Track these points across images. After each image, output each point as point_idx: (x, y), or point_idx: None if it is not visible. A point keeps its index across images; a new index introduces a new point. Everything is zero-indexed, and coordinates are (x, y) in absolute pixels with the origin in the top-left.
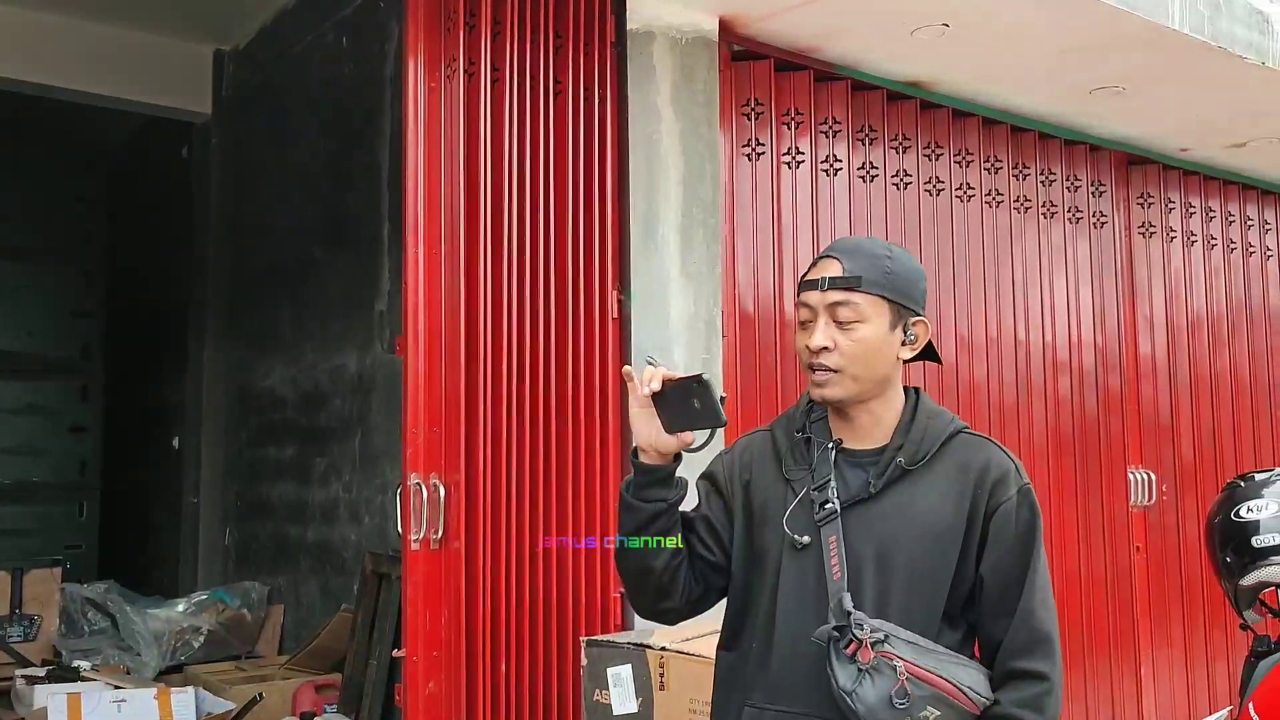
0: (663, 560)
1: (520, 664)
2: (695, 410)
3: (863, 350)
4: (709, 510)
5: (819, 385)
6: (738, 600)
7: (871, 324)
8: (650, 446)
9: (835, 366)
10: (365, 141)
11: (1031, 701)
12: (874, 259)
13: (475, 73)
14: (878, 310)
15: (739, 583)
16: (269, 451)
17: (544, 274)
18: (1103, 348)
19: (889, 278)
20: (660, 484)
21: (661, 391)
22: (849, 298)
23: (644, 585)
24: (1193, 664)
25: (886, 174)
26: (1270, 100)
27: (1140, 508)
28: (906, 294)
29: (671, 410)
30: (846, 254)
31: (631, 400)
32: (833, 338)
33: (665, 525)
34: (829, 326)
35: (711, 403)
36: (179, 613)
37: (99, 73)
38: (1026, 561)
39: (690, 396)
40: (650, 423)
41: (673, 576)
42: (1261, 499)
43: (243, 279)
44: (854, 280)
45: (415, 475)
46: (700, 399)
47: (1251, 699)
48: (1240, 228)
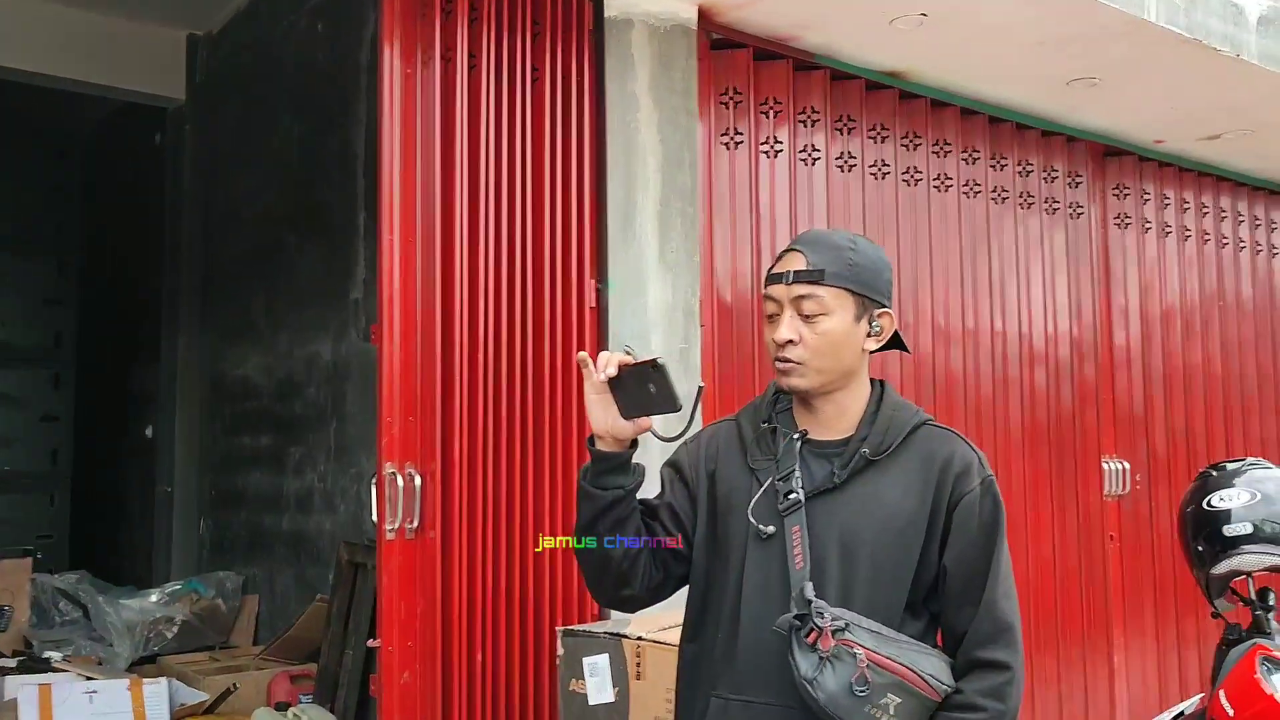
0: (621, 548)
1: (496, 654)
2: (652, 395)
3: (827, 343)
4: (672, 498)
5: (785, 375)
6: (700, 591)
7: (835, 317)
8: (607, 433)
9: (800, 359)
10: (341, 129)
11: (994, 690)
12: (838, 251)
13: (452, 60)
14: (842, 303)
15: (701, 573)
16: (243, 440)
17: (521, 262)
18: (1078, 339)
19: (853, 270)
20: (618, 471)
21: (618, 377)
22: (813, 291)
23: (604, 573)
24: (1164, 652)
25: (864, 164)
26: (1244, 93)
27: (1114, 497)
28: (871, 286)
29: (628, 396)
30: (810, 246)
31: (588, 387)
32: (798, 331)
33: (623, 512)
34: (794, 319)
35: (668, 387)
36: (152, 603)
37: (71, 58)
38: (990, 552)
39: (647, 381)
40: (607, 409)
41: (633, 564)
42: (1233, 488)
43: (217, 267)
44: (817, 274)
45: (391, 465)
46: (656, 384)
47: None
48: (1213, 220)
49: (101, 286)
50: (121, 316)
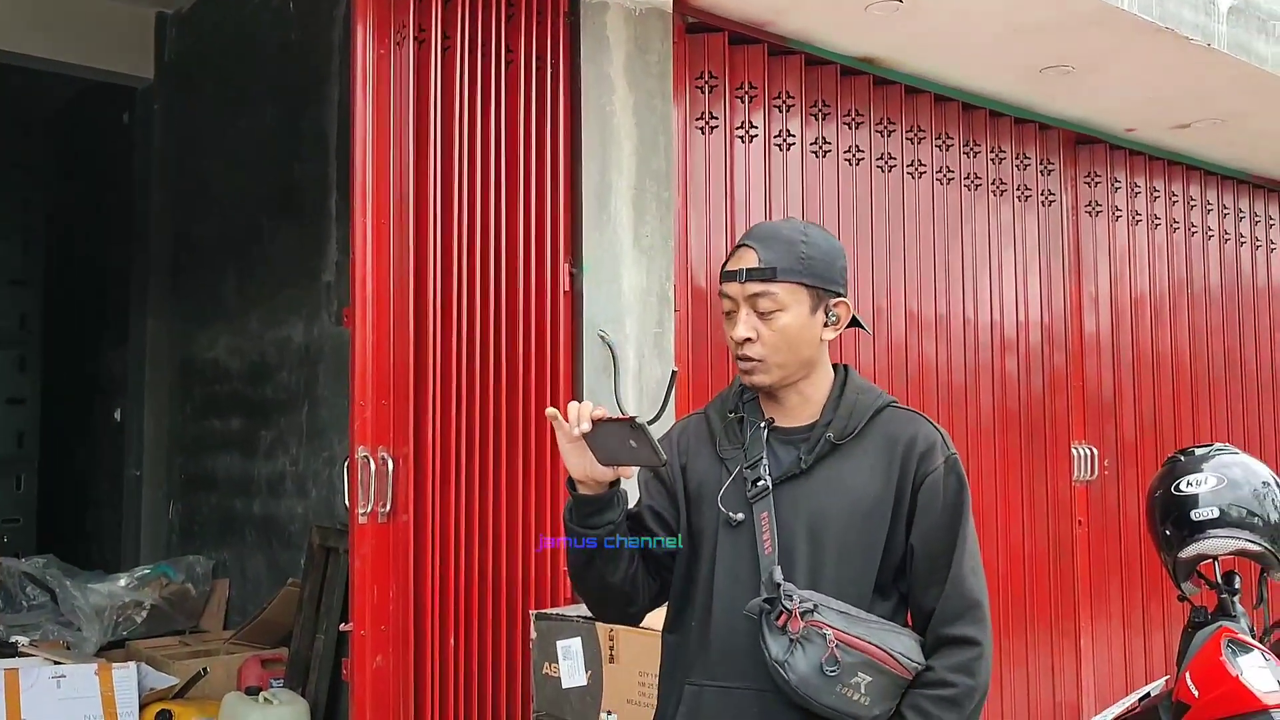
0: (620, 574)
1: (469, 638)
2: (632, 450)
3: (784, 339)
4: (652, 501)
5: (747, 374)
6: (680, 582)
7: (791, 312)
8: (587, 478)
9: (760, 356)
10: (313, 109)
11: (964, 666)
12: (789, 246)
13: (426, 40)
14: (796, 298)
15: (681, 565)
16: (214, 424)
17: (495, 245)
18: (1049, 325)
19: (805, 263)
20: (604, 509)
21: (593, 430)
22: (766, 289)
23: (606, 599)
24: (1131, 635)
25: (839, 149)
26: (1214, 82)
27: (1083, 483)
28: (825, 276)
29: (605, 447)
30: (762, 242)
31: (560, 438)
32: (755, 328)
33: (615, 543)
34: (750, 317)
35: (649, 444)
36: (121, 587)
37: (38, 36)
38: (955, 530)
39: (626, 438)
40: (583, 456)
41: (633, 582)
42: (1201, 473)
43: (187, 248)
44: (770, 271)
45: (363, 448)
46: (637, 440)
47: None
48: (1183, 208)
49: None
50: (89, 298)
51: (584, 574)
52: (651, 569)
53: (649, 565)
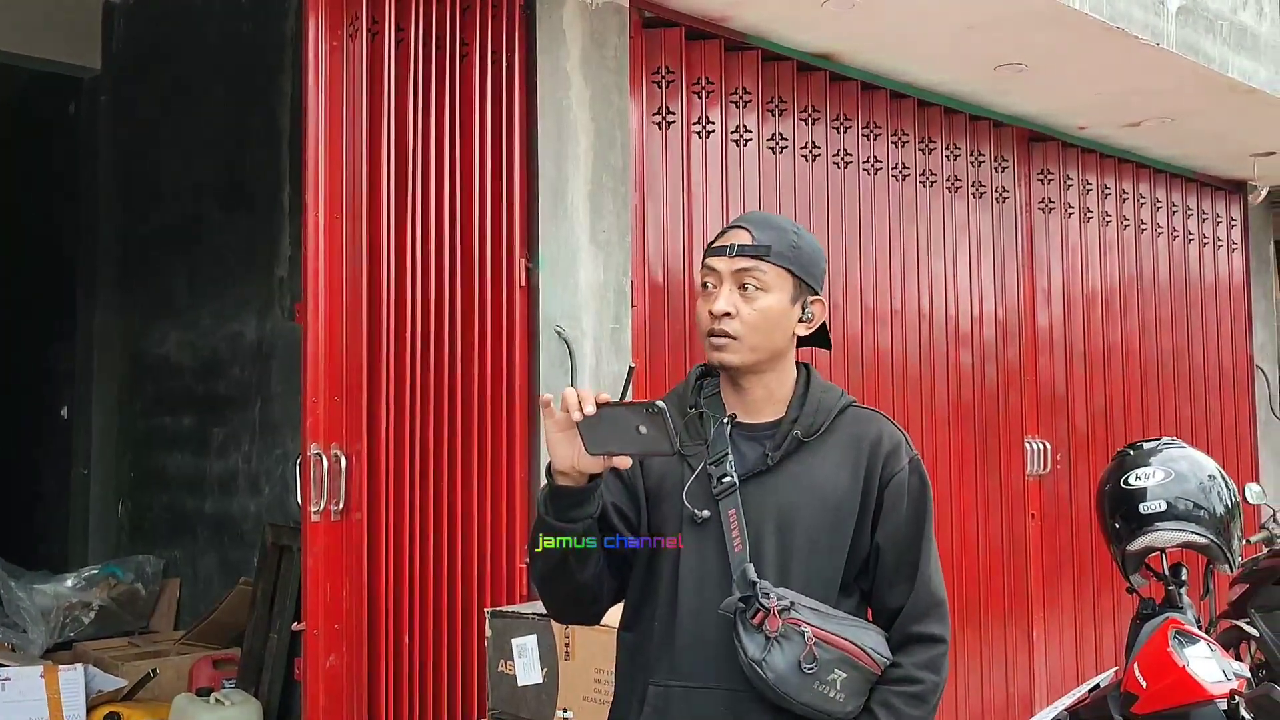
0: (588, 572)
1: (424, 636)
2: (639, 436)
3: (763, 320)
4: (615, 499)
5: (717, 350)
6: (640, 580)
7: (774, 294)
8: (572, 469)
9: (735, 333)
10: (265, 101)
11: (929, 663)
12: (782, 232)
13: (379, 32)
14: (781, 282)
15: (641, 563)
16: (164, 421)
17: (450, 240)
18: (1003, 321)
19: (795, 252)
20: (583, 503)
21: (596, 415)
22: (756, 265)
23: (571, 600)
24: (1082, 626)
25: (795, 145)
26: (1163, 80)
27: (1036, 476)
28: (809, 271)
29: (603, 434)
30: (756, 225)
31: (549, 424)
32: (735, 304)
33: (588, 539)
34: (733, 293)
35: (664, 431)
36: (68, 588)
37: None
38: (920, 530)
39: (636, 423)
40: (572, 444)
41: (599, 581)
42: (1149, 467)
43: (136, 241)
44: (762, 249)
45: (315, 445)
46: (650, 426)
47: (1136, 659)
48: (1134, 205)
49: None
50: (36, 292)
51: (555, 573)
52: (613, 567)
53: (611, 563)
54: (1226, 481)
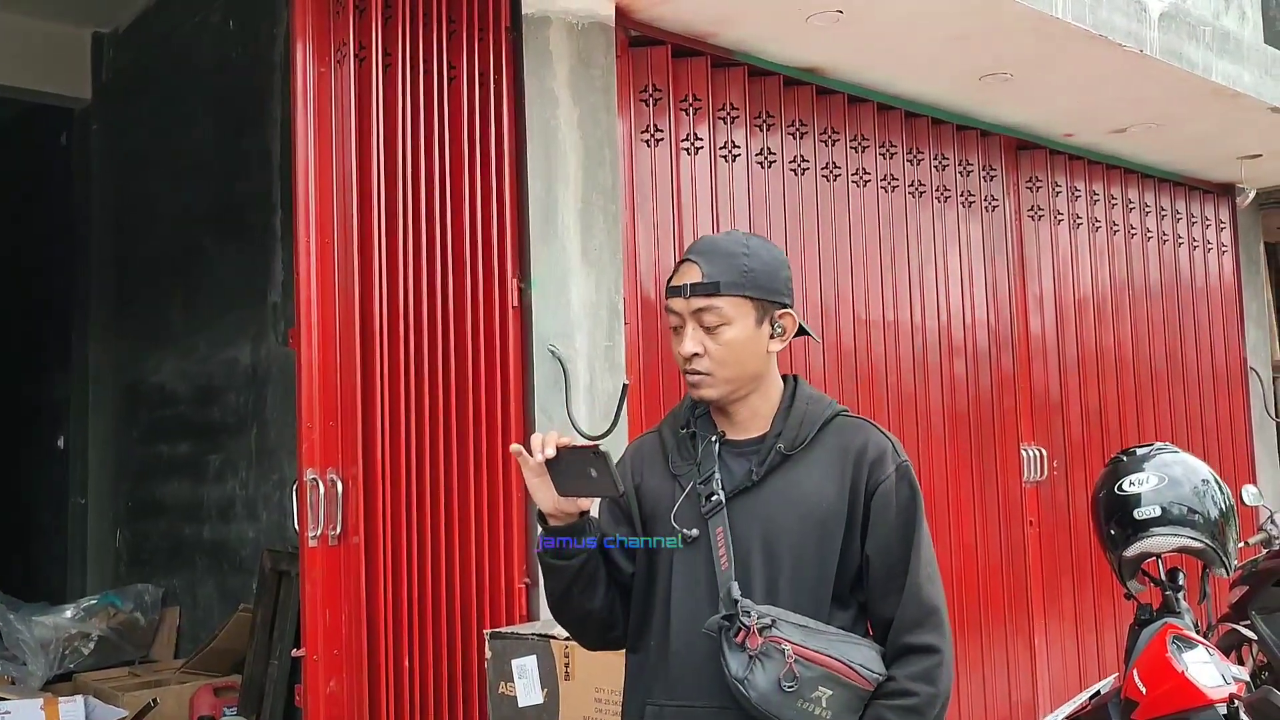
0: (598, 601)
1: (424, 659)
2: (591, 479)
3: (731, 353)
4: (616, 531)
5: (695, 388)
6: (639, 602)
7: (736, 325)
8: (556, 511)
9: (707, 370)
10: (255, 128)
11: (924, 674)
12: (731, 259)
13: (366, 58)
14: (741, 311)
15: (639, 584)
16: (160, 449)
17: (441, 262)
18: (995, 329)
19: (748, 276)
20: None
21: (556, 457)
22: (711, 303)
23: (587, 627)
24: (1083, 633)
25: (784, 159)
26: (1148, 87)
27: (1032, 483)
28: (768, 288)
29: (565, 476)
30: (704, 257)
31: (526, 472)
32: (701, 343)
33: (591, 569)
34: (697, 332)
35: (608, 473)
36: (67, 619)
37: None
38: (910, 538)
39: (587, 466)
40: (549, 489)
41: (611, 608)
42: (1143, 473)
43: (129, 270)
44: (713, 286)
45: (312, 470)
46: (596, 469)
47: (1135, 665)
48: (1122, 210)
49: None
50: (30, 322)
51: (563, 604)
52: (626, 594)
53: (624, 590)
54: (1220, 485)
